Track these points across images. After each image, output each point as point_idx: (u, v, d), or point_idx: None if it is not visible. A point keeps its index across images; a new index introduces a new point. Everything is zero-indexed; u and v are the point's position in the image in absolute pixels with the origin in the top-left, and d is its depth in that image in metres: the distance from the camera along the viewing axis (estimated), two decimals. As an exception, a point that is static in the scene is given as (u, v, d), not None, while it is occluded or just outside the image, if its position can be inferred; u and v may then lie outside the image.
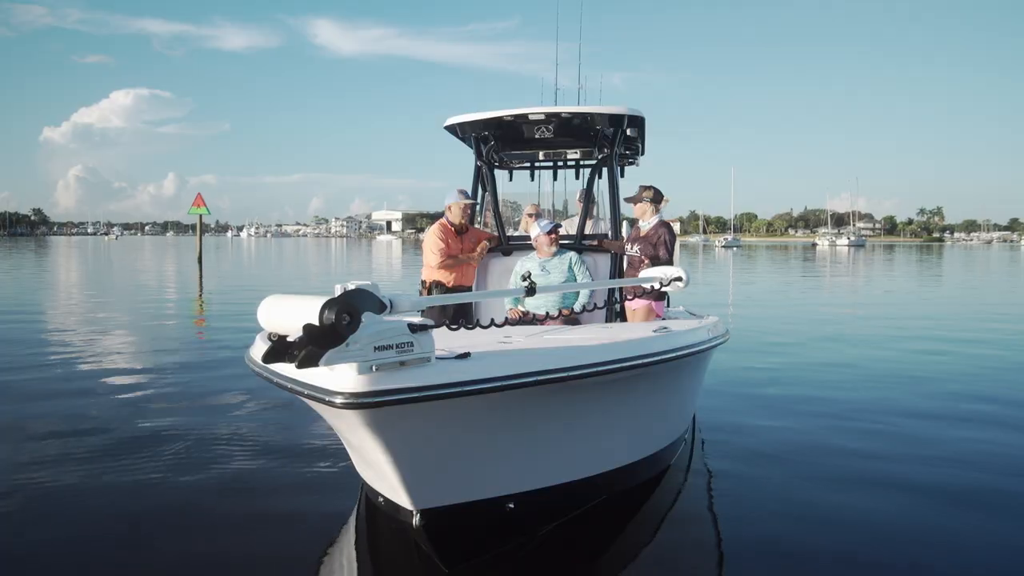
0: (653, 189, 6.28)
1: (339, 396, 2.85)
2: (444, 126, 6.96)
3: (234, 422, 6.51)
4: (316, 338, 2.56)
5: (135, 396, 7.66)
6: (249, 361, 3.93)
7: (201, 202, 32.29)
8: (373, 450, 3.20)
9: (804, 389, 8.20)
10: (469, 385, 3.03)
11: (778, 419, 6.82)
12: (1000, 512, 4.59)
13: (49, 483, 4.98)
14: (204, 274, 28.81)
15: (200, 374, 8.86)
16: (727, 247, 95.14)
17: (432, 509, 3.44)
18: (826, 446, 5.95)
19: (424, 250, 6.64)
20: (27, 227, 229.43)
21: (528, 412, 3.55)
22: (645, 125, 6.99)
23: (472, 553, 3.70)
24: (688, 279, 4.98)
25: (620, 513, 4.42)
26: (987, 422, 6.83)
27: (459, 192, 6.60)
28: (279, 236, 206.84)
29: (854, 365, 9.77)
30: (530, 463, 3.76)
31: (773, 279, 31.48)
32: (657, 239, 6.06)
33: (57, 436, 6.06)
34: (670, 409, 4.98)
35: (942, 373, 9.44)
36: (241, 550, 4.04)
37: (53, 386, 8.10)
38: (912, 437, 6.26)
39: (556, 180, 8.42)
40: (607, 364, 3.59)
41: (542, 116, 6.54)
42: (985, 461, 5.59)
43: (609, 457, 4.30)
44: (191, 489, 4.89)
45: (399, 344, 2.90)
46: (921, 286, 27.63)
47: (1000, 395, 8.04)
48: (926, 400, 7.72)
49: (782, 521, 4.43)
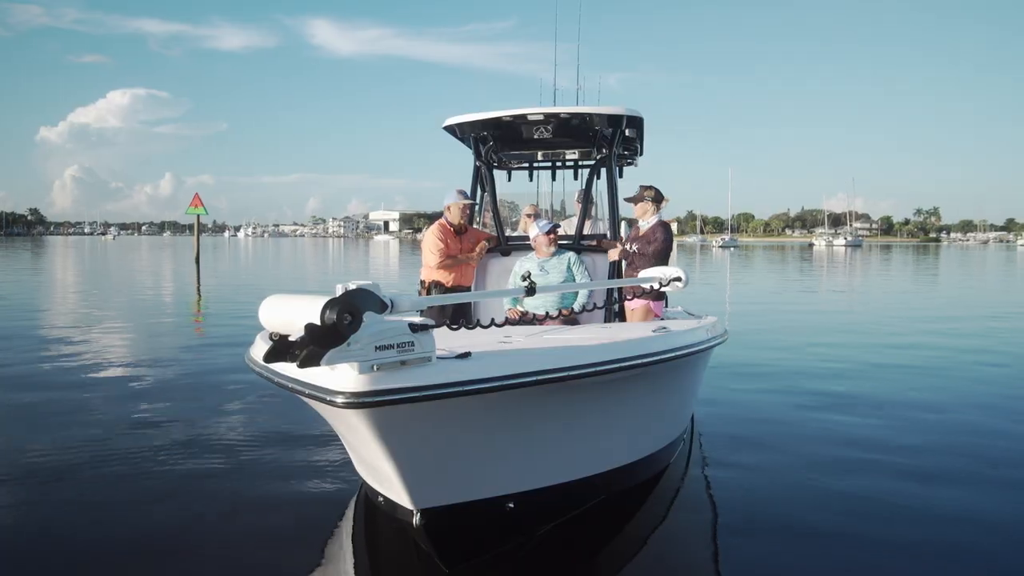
0: (654, 189, 6.30)
1: (340, 396, 2.85)
2: (443, 126, 6.96)
3: (231, 422, 6.51)
4: (317, 338, 2.57)
5: (134, 394, 7.66)
6: (249, 361, 3.93)
7: (199, 202, 32.25)
8: (374, 450, 3.20)
9: (803, 389, 8.20)
10: (470, 385, 3.04)
11: (776, 419, 6.83)
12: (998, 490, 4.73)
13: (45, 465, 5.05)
14: (202, 274, 28.78)
15: (197, 374, 8.85)
16: (724, 247, 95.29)
17: (432, 509, 3.44)
18: (825, 447, 5.95)
19: (423, 250, 6.64)
20: (23, 227, 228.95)
21: (528, 412, 3.56)
22: (644, 125, 7.00)
23: (472, 553, 3.70)
24: (687, 279, 4.99)
25: (619, 513, 4.42)
26: (987, 413, 6.96)
27: (458, 192, 6.60)
28: (276, 236, 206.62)
29: (853, 365, 9.79)
30: (530, 463, 3.77)
31: (771, 279, 31.50)
32: (652, 237, 6.08)
33: (57, 427, 6.15)
34: (669, 409, 4.99)
35: (944, 367, 9.54)
36: (239, 551, 4.03)
37: (55, 378, 8.26)
38: (917, 435, 6.28)
39: (555, 180, 8.44)
40: (607, 364, 3.59)
41: (541, 116, 6.54)
42: (987, 455, 5.66)
43: (608, 457, 4.30)
44: (189, 486, 4.89)
45: (400, 344, 2.90)
46: (917, 285, 27.68)
47: (1000, 387, 8.12)
48: (931, 397, 7.74)
49: (780, 521, 4.44)
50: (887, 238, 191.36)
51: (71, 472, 5.19)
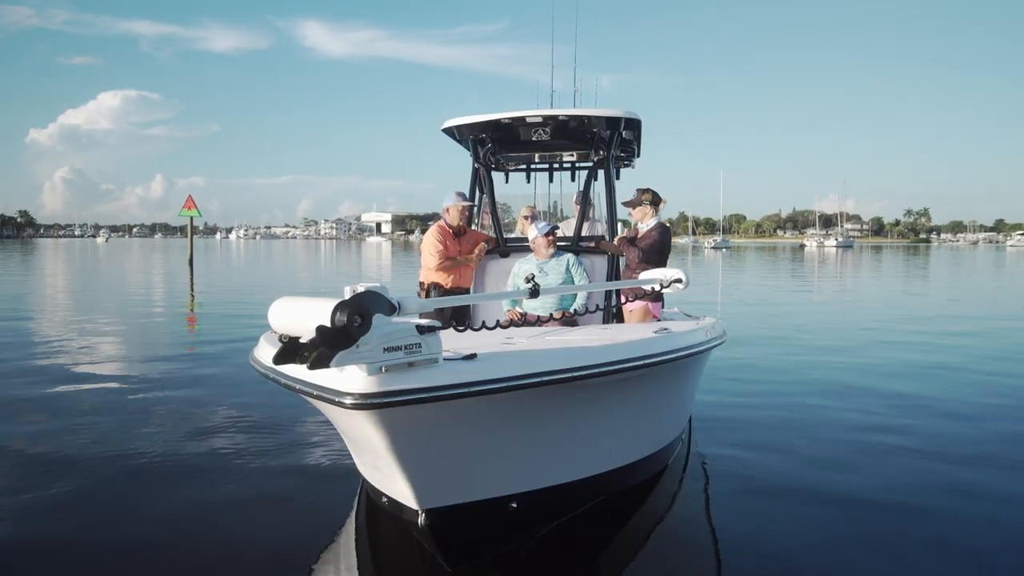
0: (651, 192, 6.33)
1: (349, 397, 2.87)
2: (442, 128, 6.99)
3: (229, 421, 6.51)
4: (328, 339, 2.59)
5: (130, 392, 7.66)
6: (254, 361, 3.94)
7: (192, 204, 32.11)
8: (381, 450, 3.22)
9: (799, 388, 8.26)
10: (478, 386, 3.06)
11: (772, 418, 6.87)
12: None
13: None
14: (196, 276, 28.71)
15: (194, 375, 8.83)
16: (716, 248, 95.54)
17: (438, 509, 3.46)
18: (822, 445, 6.01)
19: (422, 252, 6.66)
20: (13, 229, 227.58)
21: (532, 412, 3.58)
22: (641, 128, 7.05)
23: (475, 553, 3.72)
24: (688, 281, 5.03)
25: (618, 513, 4.45)
26: (988, 403, 7.14)
27: (457, 194, 6.62)
28: (268, 238, 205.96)
29: (849, 363, 9.86)
30: (533, 463, 3.79)
31: (765, 280, 31.62)
32: (649, 238, 6.12)
33: (56, 423, 6.23)
34: (669, 409, 5.02)
35: (942, 368, 9.63)
36: (239, 550, 4.04)
37: (51, 375, 8.34)
38: (919, 433, 6.33)
39: (552, 182, 8.48)
40: (613, 364, 3.62)
41: (540, 119, 6.58)
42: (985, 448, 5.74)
43: (609, 457, 4.33)
44: (189, 485, 4.91)
45: (408, 345, 2.92)
46: (907, 283, 27.85)
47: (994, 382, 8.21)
48: (930, 399, 7.78)
49: (778, 520, 4.48)
50: (878, 239, 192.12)
51: (70, 469, 5.21)
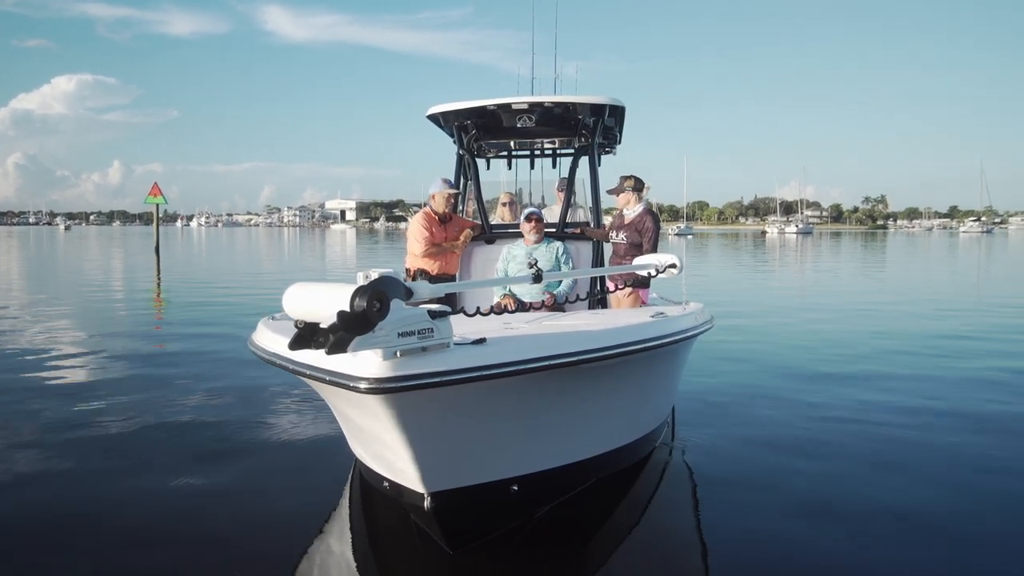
0: (634, 178, 6.39)
1: (364, 382, 2.89)
2: (427, 115, 6.98)
3: (219, 409, 6.48)
4: (349, 324, 2.61)
5: (120, 380, 7.53)
6: (254, 347, 3.93)
7: (158, 191, 31.40)
8: (390, 435, 3.24)
9: (775, 371, 8.45)
10: (492, 369, 3.10)
11: (751, 399, 7.04)
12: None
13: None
14: (162, 264, 28.23)
15: (177, 362, 8.75)
16: (680, 235, 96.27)
17: (443, 492, 3.49)
18: (800, 422, 6.19)
19: (408, 239, 6.66)
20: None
21: (537, 396, 3.63)
22: (624, 115, 7.11)
23: (476, 535, 3.76)
24: (682, 265, 5.11)
25: (610, 494, 4.53)
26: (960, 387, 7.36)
27: (443, 181, 6.63)
28: (231, 226, 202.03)
29: (825, 345, 10.12)
30: (534, 445, 3.85)
31: (730, 266, 32.07)
32: (643, 227, 6.18)
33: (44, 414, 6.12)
34: (658, 392, 5.12)
35: (917, 349, 9.92)
36: (234, 537, 4.05)
37: (26, 365, 8.07)
38: (896, 411, 6.53)
39: (533, 169, 8.51)
40: (619, 347, 3.70)
41: (525, 105, 6.60)
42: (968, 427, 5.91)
43: (603, 439, 4.41)
44: (183, 474, 4.88)
45: (421, 330, 2.96)
46: (867, 268, 28.53)
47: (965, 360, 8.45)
48: (907, 378, 8.00)
49: (759, 494, 4.62)
50: (837, 225, 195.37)
51: (65, 459, 5.18)
